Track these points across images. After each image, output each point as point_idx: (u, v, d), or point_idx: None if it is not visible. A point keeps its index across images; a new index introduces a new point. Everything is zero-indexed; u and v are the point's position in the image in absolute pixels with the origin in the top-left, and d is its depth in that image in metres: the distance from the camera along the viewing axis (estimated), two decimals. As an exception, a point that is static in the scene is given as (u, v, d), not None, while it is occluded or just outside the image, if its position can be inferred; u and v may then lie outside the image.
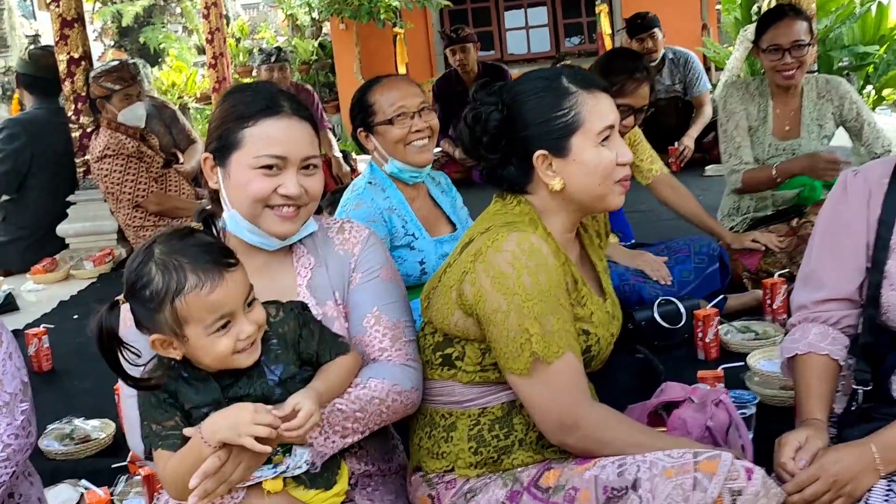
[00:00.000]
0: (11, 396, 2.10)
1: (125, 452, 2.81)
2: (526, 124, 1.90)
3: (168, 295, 1.66)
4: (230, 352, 1.70)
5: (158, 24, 12.70)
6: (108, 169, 5.28)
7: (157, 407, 1.73)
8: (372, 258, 2.02)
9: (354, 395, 1.85)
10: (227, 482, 1.69)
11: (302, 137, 1.92)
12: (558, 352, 1.80)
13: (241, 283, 1.72)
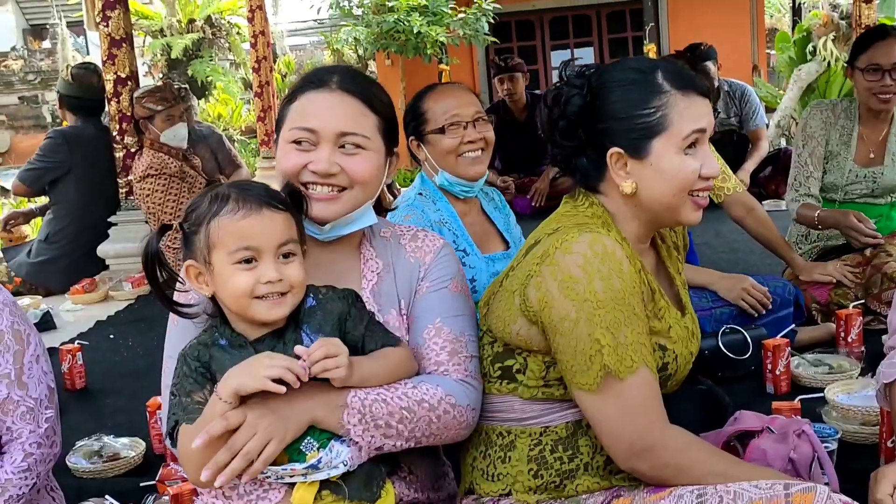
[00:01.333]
0: (36, 402, 1.98)
1: (155, 472, 2.68)
2: (606, 117, 1.73)
3: (206, 216, 1.62)
4: (250, 292, 1.59)
5: (206, 58, 12.81)
6: (151, 189, 5.23)
7: (188, 376, 1.61)
8: (443, 268, 1.87)
9: (401, 391, 1.68)
10: (243, 454, 1.51)
11: (342, 113, 1.78)
12: (632, 366, 1.61)
13: (278, 225, 1.62)
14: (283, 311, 1.61)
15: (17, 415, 1.95)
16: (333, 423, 1.59)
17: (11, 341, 1.95)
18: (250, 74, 14.00)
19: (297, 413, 1.56)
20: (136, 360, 4.06)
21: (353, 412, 1.60)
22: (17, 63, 16.22)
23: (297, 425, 1.56)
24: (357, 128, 1.78)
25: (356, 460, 1.61)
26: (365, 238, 1.89)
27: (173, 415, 1.63)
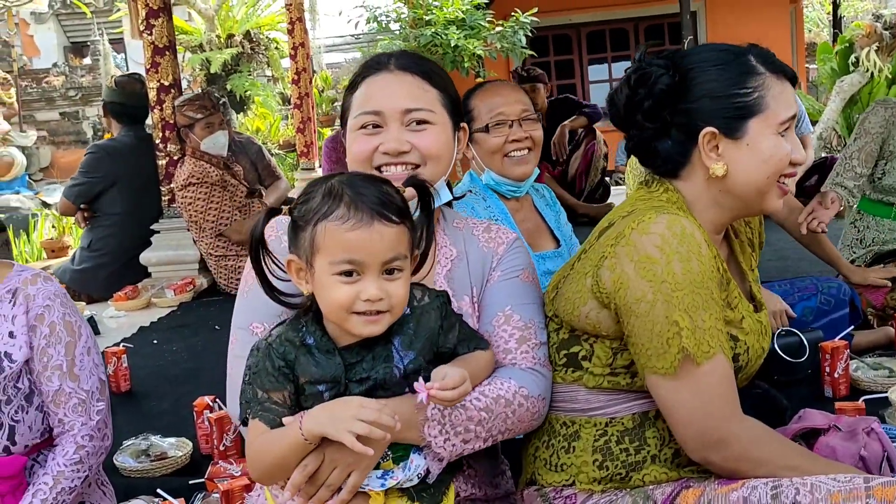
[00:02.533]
0: (88, 394, 1.96)
1: (202, 471, 2.66)
2: (699, 95, 1.67)
3: (316, 215, 1.52)
4: (348, 307, 1.50)
5: (245, 72, 12.90)
6: (192, 197, 5.25)
7: (270, 374, 1.54)
8: (515, 259, 1.84)
9: (478, 391, 1.63)
10: (327, 486, 1.51)
11: (403, 90, 1.77)
12: (709, 352, 1.56)
13: (387, 241, 1.51)
14: (378, 329, 1.53)
15: (69, 407, 1.93)
16: (414, 437, 1.55)
17: (63, 333, 1.94)
18: (288, 89, 14.11)
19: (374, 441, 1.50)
20: (179, 364, 4.06)
21: (434, 424, 1.56)
22: (59, 79, 16.46)
23: (378, 450, 1.51)
24: (420, 103, 1.77)
25: (435, 472, 1.57)
26: (438, 226, 1.86)
27: (247, 402, 1.57)
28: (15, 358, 1.88)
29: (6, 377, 1.87)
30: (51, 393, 1.92)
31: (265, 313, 1.71)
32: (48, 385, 1.92)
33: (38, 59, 19.44)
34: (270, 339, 1.58)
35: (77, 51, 20.36)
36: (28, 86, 16.50)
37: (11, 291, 1.92)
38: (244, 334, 1.74)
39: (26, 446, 1.91)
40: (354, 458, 1.49)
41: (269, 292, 1.61)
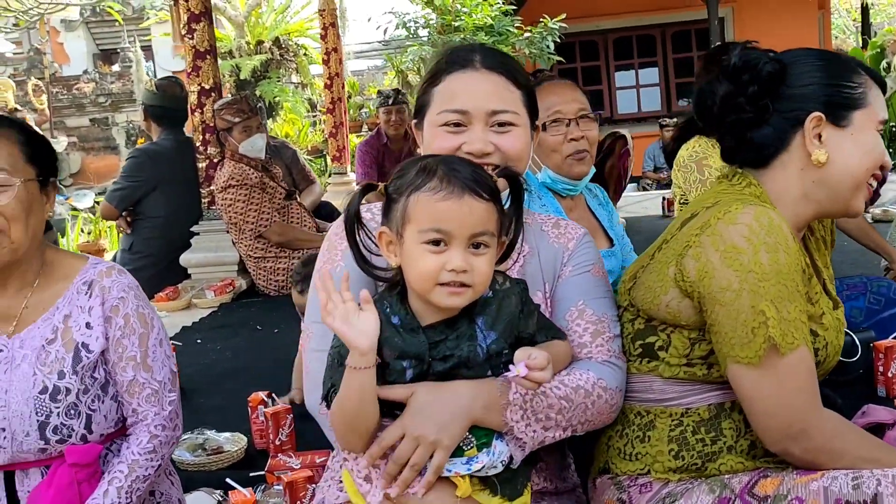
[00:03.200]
0: (160, 385, 1.99)
1: (258, 465, 2.70)
2: (807, 82, 1.70)
3: (409, 188, 1.56)
4: (433, 277, 1.52)
5: (274, 78, 13.01)
6: (232, 199, 5.30)
7: None
8: (585, 254, 1.86)
9: (557, 380, 1.65)
10: (410, 465, 1.52)
11: (489, 91, 1.78)
12: (793, 343, 1.57)
13: (475, 214, 1.54)
14: (460, 301, 1.55)
15: (143, 397, 1.97)
16: (496, 421, 1.56)
17: (137, 324, 1.97)
18: (316, 95, 14.20)
19: (457, 418, 1.53)
20: (225, 362, 4.11)
21: (516, 409, 1.58)
22: (89, 86, 16.64)
23: (459, 429, 1.53)
24: (506, 104, 1.78)
25: (518, 458, 1.59)
26: None
27: (330, 380, 1.60)
28: (92, 348, 1.92)
29: (83, 367, 1.90)
30: (125, 383, 1.95)
31: None
32: (122, 375, 1.95)
33: (67, 67, 19.67)
34: None
35: (106, 58, 20.57)
36: (59, 92, 16.70)
37: (87, 283, 1.96)
38: (320, 328, 1.75)
39: (101, 435, 1.94)
40: (438, 435, 1.51)
41: (362, 265, 1.64)
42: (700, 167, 3.36)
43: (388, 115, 7.02)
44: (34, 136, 1.94)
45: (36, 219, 1.89)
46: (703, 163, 3.36)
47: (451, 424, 1.52)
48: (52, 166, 1.97)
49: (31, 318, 1.93)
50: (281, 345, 4.43)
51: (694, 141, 3.46)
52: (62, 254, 2.03)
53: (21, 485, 1.90)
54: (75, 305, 1.94)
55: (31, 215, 1.86)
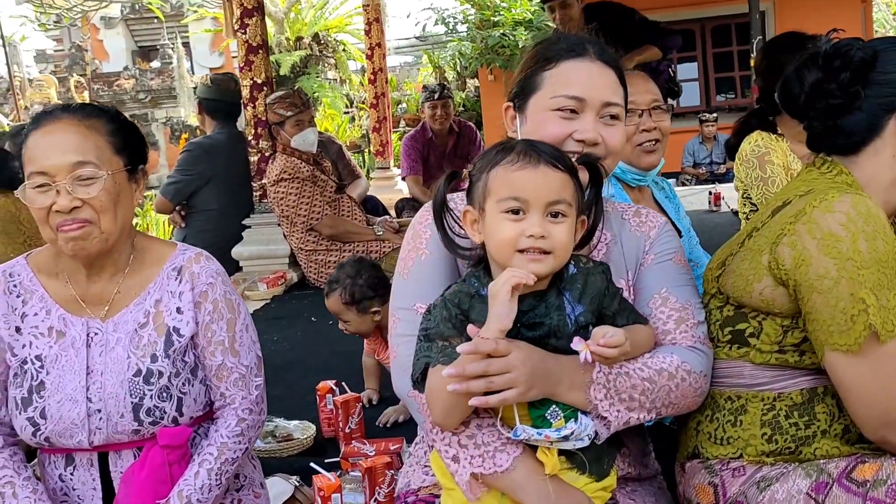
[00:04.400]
0: (247, 369, 2.03)
1: (326, 452, 2.74)
2: None
3: (489, 165, 1.64)
4: (513, 244, 1.57)
5: (313, 74, 13.08)
6: (284, 192, 5.35)
7: (447, 321, 1.61)
8: (667, 242, 1.87)
9: (641, 362, 1.67)
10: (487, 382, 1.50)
11: (604, 83, 1.80)
12: (893, 331, 1.56)
13: (551, 182, 1.59)
14: (541, 268, 1.58)
15: (231, 381, 2.00)
16: (580, 400, 1.58)
17: (225, 310, 2.01)
18: (355, 90, 14.28)
19: (548, 378, 1.55)
20: (283, 353, 4.16)
21: (599, 387, 1.60)
22: (129, 82, 16.83)
23: (542, 389, 1.55)
24: (617, 98, 1.81)
25: (603, 435, 1.61)
26: None
27: (423, 357, 1.63)
28: (183, 333, 1.96)
29: (175, 351, 1.94)
30: (213, 367, 1.99)
31: (428, 293, 1.76)
32: (211, 360, 1.99)
33: (106, 64, 19.90)
34: (446, 295, 1.66)
35: (144, 55, 20.80)
36: (99, 89, 16.90)
37: (177, 269, 2.00)
38: (408, 314, 1.79)
39: (191, 418, 1.98)
40: (526, 378, 1.50)
41: (449, 245, 1.70)
42: (762, 163, 3.35)
43: (433, 110, 7.04)
44: (124, 125, 1.98)
45: (125, 208, 1.93)
46: (765, 158, 3.35)
47: (540, 380, 1.54)
48: (142, 154, 2.01)
49: (124, 302, 1.97)
50: (337, 336, 4.45)
51: (756, 135, 3.45)
52: (152, 240, 2.07)
53: (114, 465, 1.94)
54: (166, 290, 1.98)
55: (119, 205, 1.90)
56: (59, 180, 1.83)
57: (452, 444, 1.62)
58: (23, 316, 1.95)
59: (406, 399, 1.78)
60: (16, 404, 1.92)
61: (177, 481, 1.92)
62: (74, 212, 1.84)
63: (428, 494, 1.81)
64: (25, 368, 1.91)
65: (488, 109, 12.69)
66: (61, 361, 1.91)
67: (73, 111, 1.93)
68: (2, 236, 3.63)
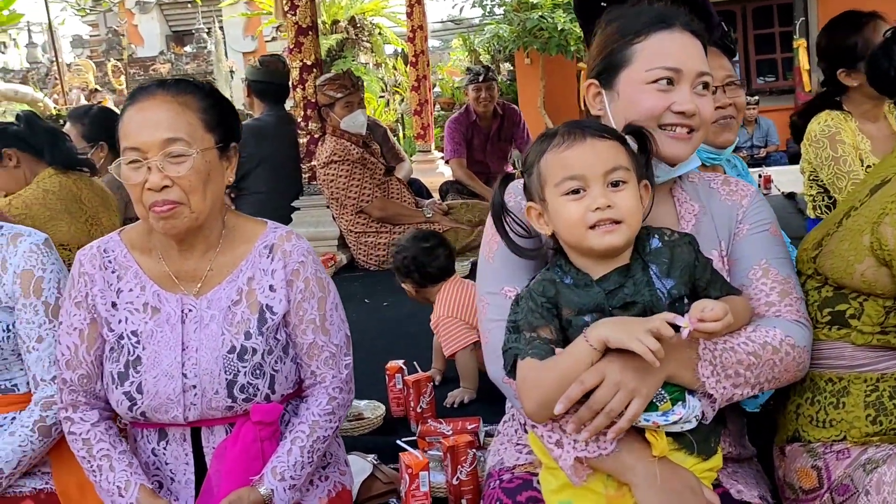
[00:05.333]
0: (337, 348, 2.04)
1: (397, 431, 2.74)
2: None
3: (537, 155, 1.65)
4: (581, 222, 1.57)
5: (349, 57, 13.07)
6: (334, 174, 5.36)
7: (535, 311, 1.61)
8: (761, 212, 1.85)
9: (744, 336, 1.65)
10: (606, 412, 1.52)
11: (696, 52, 1.79)
12: None
13: (602, 152, 1.60)
14: (617, 238, 1.57)
15: (322, 360, 2.01)
16: (688, 377, 1.58)
17: (316, 288, 2.02)
18: (390, 74, 14.25)
19: (655, 369, 1.54)
20: (342, 333, 4.16)
21: (706, 364, 1.59)
22: (165, 67, 16.93)
23: (656, 382, 1.54)
24: (708, 68, 1.79)
25: (710, 414, 1.60)
26: (675, 182, 1.88)
27: (512, 349, 1.63)
28: (276, 311, 1.96)
29: (268, 328, 1.95)
30: (305, 346, 2.00)
31: (517, 276, 1.77)
32: (303, 338, 2.00)
33: (141, 49, 20.03)
34: (530, 286, 1.66)
35: (178, 39, 20.90)
36: (136, 73, 17.01)
37: (269, 247, 2.00)
38: (497, 299, 1.79)
39: (282, 395, 1.99)
40: (637, 383, 1.51)
41: (514, 248, 1.71)
42: (833, 143, 3.31)
43: (477, 92, 7.01)
44: (217, 102, 1.97)
45: (215, 186, 1.93)
46: (836, 138, 3.31)
47: (649, 375, 1.53)
48: (234, 131, 2.00)
49: (216, 279, 1.98)
50: (391, 318, 4.49)
51: (825, 115, 3.41)
52: (243, 218, 2.08)
53: (206, 441, 1.96)
54: (258, 268, 1.98)
55: (209, 184, 1.89)
56: (151, 157, 1.83)
57: (555, 429, 1.62)
58: (118, 292, 1.96)
59: (501, 385, 1.78)
60: (112, 379, 1.93)
61: (268, 458, 1.93)
62: (165, 191, 1.84)
63: (524, 472, 1.81)
64: (122, 343, 1.93)
65: (524, 92, 12.63)
66: (157, 337, 1.93)
67: (168, 87, 1.93)
68: (65, 216, 3.65)
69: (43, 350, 2.08)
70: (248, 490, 1.87)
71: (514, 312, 1.66)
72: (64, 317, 1.98)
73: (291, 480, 1.91)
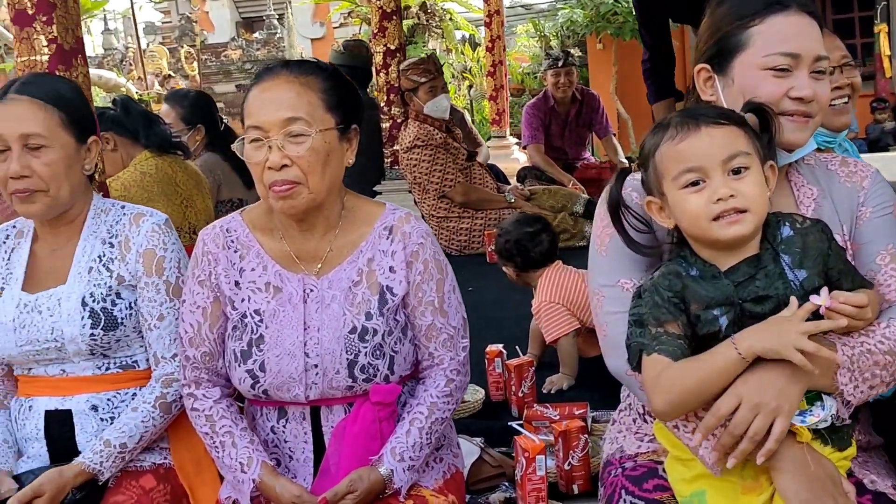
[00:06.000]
0: (455, 330, 2.04)
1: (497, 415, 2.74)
2: None
3: (652, 148, 1.62)
4: (704, 215, 1.53)
5: (420, 43, 13.09)
6: (417, 159, 5.37)
7: (661, 306, 1.56)
8: (883, 193, 1.78)
9: (879, 334, 1.60)
10: (750, 437, 1.48)
11: (813, 35, 1.72)
12: None
13: (719, 140, 1.54)
14: (743, 228, 1.53)
15: (440, 342, 2.01)
16: (827, 384, 1.54)
17: (434, 270, 2.01)
18: (460, 59, 14.23)
19: (794, 382, 1.50)
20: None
21: (844, 371, 1.54)
22: (236, 53, 17.12)
23: (796, 396, 1.50)
24: (825, 52, 1.73)
25: (845, 414, 1.56)
26: (791, 166, 1.82)
27: (637, 343, 1.60)
28: (396, 292, 1.96)
29: (388, 309, 1.95)
30: (423, 327, 2.00)
31: (632, 268, 1.74)
32: (421, 320, 1.99)
33: (212, 35, 20.31)
34: (654, 279, 1.61)
35: (247, 25, 21.13)
36: (207, 59, 17.25)
37: (388, 228, 2.00)
38: (612, 291, 1.76)
39: (400, 376, 1.99)
40: (778, 401, 1.47)
41: (632, 246, 1.68)
42: None
43: (556, 78, 6.95)
44: (340, 83, 1.98)
45: (334, 167, 1.93)
46: None
47: (788, 389, 1.49)
48: (356, 113, 2.00)
49: (337, 260, 1.98)
50: (479, 302, 4.47)
51: None
52: (361, 199, 2.08)
53: (325, 420, 1.96)
54: (378, 249, 1.98)
55: (328, 164, 1.89)
56: (272, 136, 1.84)
57: (691, 419, 1.59)
58: (241, 271, 1.98)
59: (624, 378, 1.76)
60: (235, 357, 1.95)
61: (385, 438, 1.93)
62: (284, 171, 1.85)
63: (647, 461, 1.78)
64: (245, 322, 1.95)
65: (595, 78, 12.50)
66: (279, 316, 1.94)
67: (291, 67, 1.94)
68: (161, 198, 3.71)
69: (164, 328, 2.11)
70: (368, 470, 1.88)
71: (636, 305, 1.62)
72: (187, 295, 2.00)
73: (410, 461, 1.91)
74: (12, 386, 2.19)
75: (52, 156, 2.02)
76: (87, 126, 2.14)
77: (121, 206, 2.19)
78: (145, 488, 2.06)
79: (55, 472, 1.96)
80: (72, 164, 2.06)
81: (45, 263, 2.14)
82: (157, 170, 3.74)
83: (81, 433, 2.07)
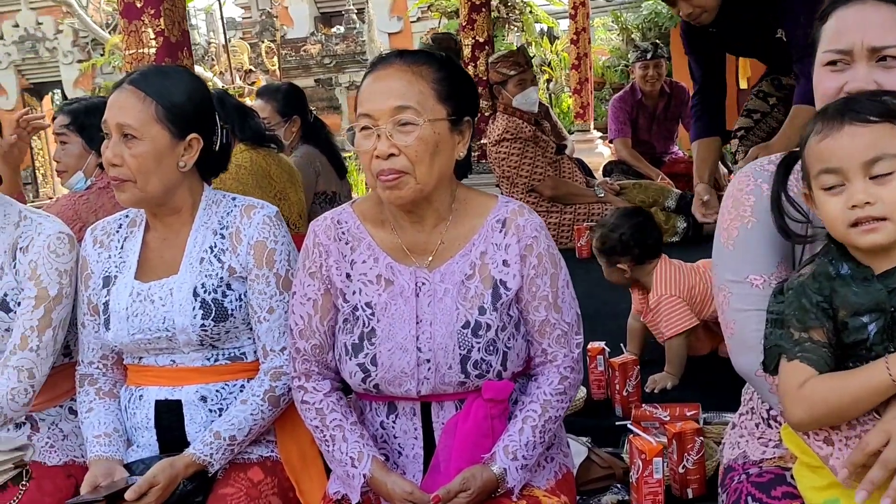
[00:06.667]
0: (569, 327, 1.98)
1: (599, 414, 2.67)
2: None
3: (803, 143, 1.53)
4: (841, 220, 1.43)
5: (500, 37, 13.01)
6: (506, 152, 5.31)
7: (809, 310, 1.47)
8: None
9: None
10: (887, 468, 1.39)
11: (875, 23, 1.61)
12: None
13: (861, 141, 1.42)
14: (880, 238, 1.42)
15: (553, 338, 1.95)
16: None
17: (548, 264, 1.95)
18: (540, 53, 14.12)
19: None
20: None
21: None
22: (315, 48, 17.29)
23: None
24: (891, 38, 1.62)
25: None
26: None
27: (775, 345, 1.52)
28: (510, 286, 1.91)
29: (502, 304, 1.90)
30: (537, 323, 1.94)
31: (762, 264, 1.66)
32: (535, 315, 1.94)
33: (291, 30, 20.54)
34: (802, 278, 1.51)
35: (326, 21, 21.32)
36: (287, 54, 17.46)
37: (501, 221, 1.95)
38: (740, 287, 1.68)
39: (513, 373, 1.95)
40: None
41: (786, 236, 1.59)
42: None
43: (644, 70, 6.81)
44: (453, 74, 1.93)
45: (443, 158, 1.88)
46: None
47: None
48: (470, 106, 1.96)
49: (448, 253, 1.94)
50: (570, 298, 4.40)
51: None
52: (473, 192, 2.03)
53: (436, 416, 1.92)
54: (490, 243, 1.94)
55: (437, 155, 1.85)
56: (381, 124, 1.82)
57: (823, 427, 1.51)
58: (352, 263, 1.95)
59: (753, 379, 1.67)
60: (346, 350, 1.93)
61: (497, 436, 1.89)
62: (391, 160, 1.81)
63: (774, 467, 1.71)
64: (357, 315, 1.92)
65: (679, 71, 12.24)
66: (391, 310, 1.90)
67: (405, 57, 1.91)
68: (256, 190, 3.73)
69: (273, 321, 2.10)
70: (481, 468, 1.83)
71: (777, 303, 1.53)
72: (297, 287, 1.98)
73: (523, 460, 1.86)
74: (122, 375, 2.21)
75: (142, 148, 2.02)
76: (191, 123, 2.09)
77: (231, 198, 2.19)
78: (253, 481, 2.05)
79: (167, 462, 1.96)
80: (163, 158, 2.05)
81: (157, 253, 2.15)
82: (252, 163, 3.77)
83: (191, 423, 2.07)
